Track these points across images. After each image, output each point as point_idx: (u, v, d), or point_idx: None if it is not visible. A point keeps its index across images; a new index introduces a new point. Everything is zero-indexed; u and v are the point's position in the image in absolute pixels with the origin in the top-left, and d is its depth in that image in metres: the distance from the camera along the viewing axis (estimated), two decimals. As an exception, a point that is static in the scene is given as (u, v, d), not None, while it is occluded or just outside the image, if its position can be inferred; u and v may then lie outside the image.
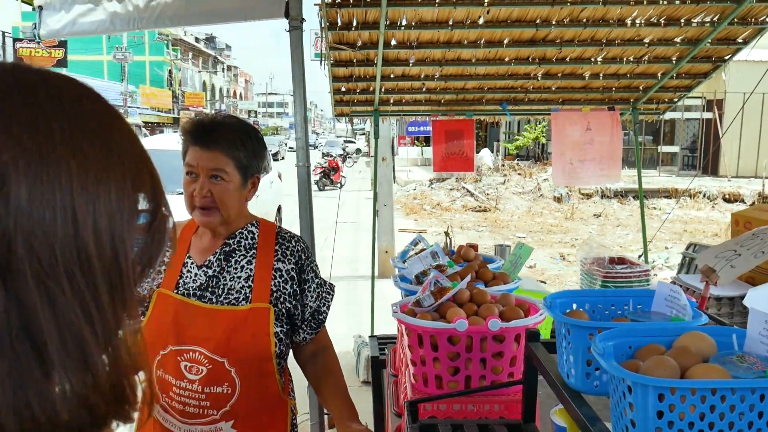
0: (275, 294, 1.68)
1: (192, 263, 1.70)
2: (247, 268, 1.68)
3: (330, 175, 19.88)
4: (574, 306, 1.26)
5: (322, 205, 16.09)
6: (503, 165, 17.90)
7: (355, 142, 38.28)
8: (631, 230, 12.02)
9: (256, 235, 1.73)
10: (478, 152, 20.02)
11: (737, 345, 0.96)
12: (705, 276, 1.31)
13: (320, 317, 1.80)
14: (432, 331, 1.53)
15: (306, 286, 1.75)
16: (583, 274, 2.94)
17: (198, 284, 1.67)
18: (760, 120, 18.14)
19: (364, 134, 36.88)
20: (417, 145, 29.11)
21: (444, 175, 17.02)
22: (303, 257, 1.77)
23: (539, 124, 18.98)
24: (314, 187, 20.42)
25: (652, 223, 11.19)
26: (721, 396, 0.81)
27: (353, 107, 4.82)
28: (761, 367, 0.88)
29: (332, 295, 1.85)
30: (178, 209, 0.98)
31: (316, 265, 1.84)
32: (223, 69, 70.11)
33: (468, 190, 15.85)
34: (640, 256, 5.39)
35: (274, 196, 9.66)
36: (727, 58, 4.42)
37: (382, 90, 4.64)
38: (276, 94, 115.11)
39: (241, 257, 1.70)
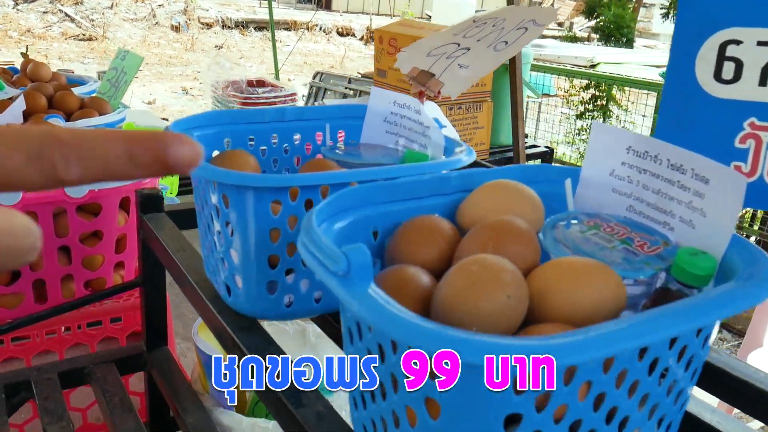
0: None
1: None
2: None
3: None
4: (228, 143, 0.65)
5: None
6: (109, -14, 15.44)
7: None
8: (254, 62, 11.69)
9: None
10: (76, -31, 16.88)
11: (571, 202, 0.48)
12: (418, 83, 0.80)
13: None
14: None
15: None
16: (215, 103, 2.32)
17: None
18: (366, -44, 18.99)
19: None
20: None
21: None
22: None
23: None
24: None
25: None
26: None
27: None
28: (648, 249, 0.41)
29: None
30: None
31: None
32: None
33: (68, 15, 13.36)
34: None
35: None
36: None
37: None
38: None
39: None
